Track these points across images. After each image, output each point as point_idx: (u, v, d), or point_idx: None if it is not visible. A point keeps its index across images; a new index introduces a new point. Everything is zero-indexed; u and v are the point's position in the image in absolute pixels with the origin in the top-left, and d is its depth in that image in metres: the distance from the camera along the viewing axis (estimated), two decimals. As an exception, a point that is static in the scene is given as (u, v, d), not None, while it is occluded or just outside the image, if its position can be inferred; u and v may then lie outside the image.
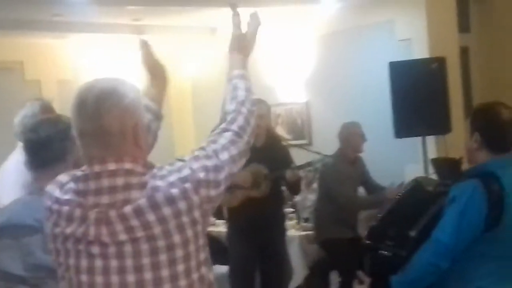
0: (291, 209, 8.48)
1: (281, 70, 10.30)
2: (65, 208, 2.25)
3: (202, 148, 2.40)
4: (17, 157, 4.27)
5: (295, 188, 7.00)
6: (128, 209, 2.18)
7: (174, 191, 2.20)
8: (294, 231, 8.05)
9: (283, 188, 7.00)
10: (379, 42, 9.21)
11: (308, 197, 8.48)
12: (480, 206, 3.51)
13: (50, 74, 10.63)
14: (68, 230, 2.23)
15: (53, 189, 2.33)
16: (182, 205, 2.20)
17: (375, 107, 8.89)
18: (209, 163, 2.33)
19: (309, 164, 6.97)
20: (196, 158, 2.33)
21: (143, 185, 2.21)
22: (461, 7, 9.13)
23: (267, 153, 6.53)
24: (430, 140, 8.47)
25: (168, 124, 8.18)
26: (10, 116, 8.93)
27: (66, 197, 2.27)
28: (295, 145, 8.55)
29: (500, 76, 9.42)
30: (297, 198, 8.38)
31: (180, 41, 11.30)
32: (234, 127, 2.52)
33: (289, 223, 7.86)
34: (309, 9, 9.41)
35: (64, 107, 4.61)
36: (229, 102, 2.58)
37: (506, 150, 3.67)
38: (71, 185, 2.29)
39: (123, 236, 2.17)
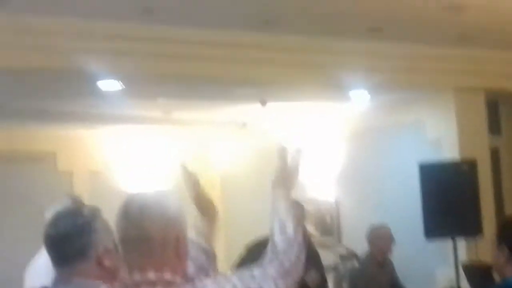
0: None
1: (311, 167, 10.29)
2: None
3: (251, 271, 2.41)
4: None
5: None
6: None
7: None
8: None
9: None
10: (408, 141, 9.19)
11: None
12: None
13: (82, 165, 10.73)
14: None
15: None
16: None
17: (405, 208, 8.79)
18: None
19: (335, 268, 6.88)
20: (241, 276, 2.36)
21: None
22: (490, 109, 9.12)
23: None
24: (461, 242, 8.33)
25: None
26: (42, 206, 9.06)
27: None
28: (323, 245, 8.46)
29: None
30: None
31: (209, 135, 11.39)
32: (286, 261, 2.49)
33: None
34: (339, 106, 9.46)
35: (95, 198, 4.65)
36: (278, 234, 2.56)
37: None
38: None
39: None
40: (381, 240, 7.46)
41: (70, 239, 2.72)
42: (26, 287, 4.63)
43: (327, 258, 7.04)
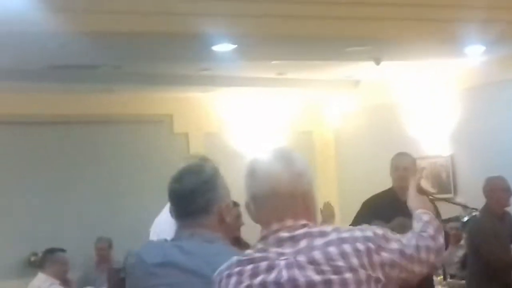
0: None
1: (425, 123, 10.21)
2: (248, 267, 2.31)
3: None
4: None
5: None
6: (317, 254, 2.26)
7: (359, 245, 2.28)
8: (441, 287, 7.87)
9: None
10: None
11: (455, 253, 8.29)
12: None
13: (198, 127, 10.93)
14: (256, 282, 2.28)
15: (228, 262, 2.39)
16: (366, 260, 2.27)
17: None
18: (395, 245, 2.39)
19: (456, 218, 6.79)
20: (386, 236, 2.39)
21: (323, 234, 2.30)
22: None
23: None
24: None
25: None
26: (159, 167, 9.34)
27: (247, 257, 2.35)
28: (440, 199, 8.39)
29: None
30: (444, 253, 8.18)
31: (323, 94, 11.40)
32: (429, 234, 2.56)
33: (435, 279, 7.69)
34: (454, 62, 9.31)
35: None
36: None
37: None
38: (249, 250, 2.38)
39: (317, 277, 2.25)
40: (498, 191, 7.24)
41: (195, 195, 2.84)
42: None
43: (445, 213, 6.94)
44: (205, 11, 6.58)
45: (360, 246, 2.27)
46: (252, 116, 11.25)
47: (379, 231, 2.36)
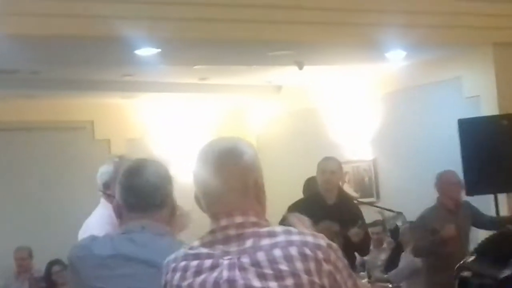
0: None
1: (348, 128, 10.31)
2: (193, 263, 2.29)
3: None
4: (101, 211, 4.36)
5: (363, 248, 6.86)
6: (261, 256, 2.22)
7: (307, 250, 2.22)
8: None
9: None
10: (446, 100, 9.16)
11: (378, 256, 8.38)
12: None
13: (120, 133, 10.83)
14: (198, 280, 2.26)
15: (175, 253, 2.37)
16: (312, 265, 2.22)
17: (445, 165, 8.75)
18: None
19: (382, 222, 6.86)
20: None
21: (271, 234, 2.25)
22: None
23: (339, 210, 6.47)
24: (502, 198, 8.31)
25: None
26: (80, 173, 9.20)
27: (194, 251, 2.31)
28: (365, 203, 8.46)
29: None
30: (367, 257, 8.26)
31: (246, 99, 11.42)
32: None
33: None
34: (375, 67, 9.42)
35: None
36: None
37: None
38: (197, 243, 2.34)
39: (256, 283, 2.21)
40: (448, 186, 7.23)
41: (157, 187, 2.84)
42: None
43: (370, 216, 7.01)
44: (127, 14, 6.51)
45: (308, 251, 2.22)
46: (175, 122, 11.20)
47: (335, 247, 2.30)
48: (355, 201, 7.54)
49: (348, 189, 10.02)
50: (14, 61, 7.66)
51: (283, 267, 2.20)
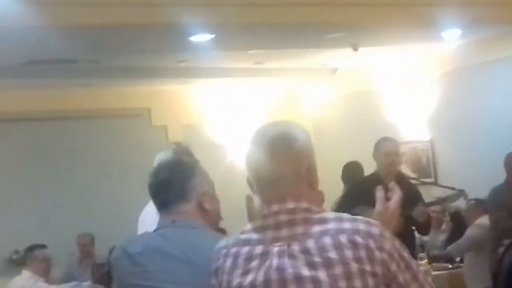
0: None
1: (404, 108, 10.25)
2: (244, 249, 2.31)
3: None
4: None
5: (425, 228, 6.82)
6: (311, 243, 2.22)
7: (358, 238, 2.22)
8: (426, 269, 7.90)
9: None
10: (504, 78, 9.04)
11: (437, 237, 8.33)
12: None
13: (176, 120, 10.92)
14: (249, 268, 2.27)
15: (226, 239, 2.40)
16: (363, 253, 2.20)
17: (502, 146, 8.66)
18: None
19: (443, 200, 6.81)
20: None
21: (322, 221, 2.25)
22: None
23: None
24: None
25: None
26: (138, 160, 9.31)
27: (245, 236, 2.33)
28: (425, 183, 8.40)
29: None
30: (426, 238, 8.23)
31: (301, 82, 11.41)
32: None
33: (419, 263, 7.74)
34: (431, 46, 9.34)
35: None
36: None
37: None
38: (252, 227, 2.35)
39: (305, 272, 2.21)
40: None
41: (171, 184, 2.88)
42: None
43: (429, 197, 6.96)
44: (181, 1, 6.55)
45: (359, 239, 2.20)
46: (230, 107, 11.25)
47: (391, 236, 2.28)
48: (416, 181, 7.50)
49: (406, 169, 9.97)
50: (73, 51, 7.79)
51: (332, 255, 2.19)
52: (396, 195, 2.64)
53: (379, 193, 2.56)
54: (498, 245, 6.87)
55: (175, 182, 2.87)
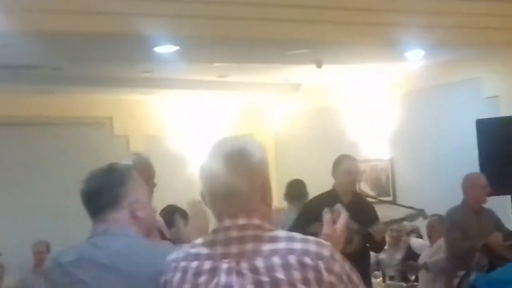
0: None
1: (366, 126, 10.32)
2: (193, 264, 2.29)
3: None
4: None
5: (381, 246, 6.88)
6: (260, 262, 2.21)
7: (307, 259, 2.20)
8: (379, 289, 7.97)
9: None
10: (464, 100, 9.15)
11: (394, 256, 8.38)
12: None
13: (138, 130, 10.87)
14: (198, 281, 2.26)
15: (177, 252, 2.38)
16: (311, 274, 2.19)
17: (462, 166, 8.74)
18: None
19: (402, 219, 6.87)
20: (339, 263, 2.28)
21: (273, 239, 2.24)
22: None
23: (355, 209, 6.45)
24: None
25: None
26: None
27: (194, 251, 2.32)
28: (384, 201, 8.46)
29: None
30: (382, 255, 8.28)
31: (264, 96, 11.44)
32: None
33: (374, 281, 7.77)
34: (394, 66, 9.42)
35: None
36: None
37: None
38: (202, 241, 2.33)
39: None
40: (473, 188, 7.27)
41: (102, 191, 2.85)
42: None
43: (386, 215, 7.01)
44: (147, 12, 6.54)
45: (308, 260, 2.18)
46: (193, 119, 11.24)
47: (340, 258, 2.26)
48: (374, 200, 7.54)
49: (365, 188, 10.05)
50: (36, 57, 7.73)
51: (280, 275, 2.17)
52: (343, 217, 2.62)
53: (326, 216, 2.56)
54: (453, 275, 6.96)
55: (107, 190, 2.84)
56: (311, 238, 2.26)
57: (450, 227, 7.23)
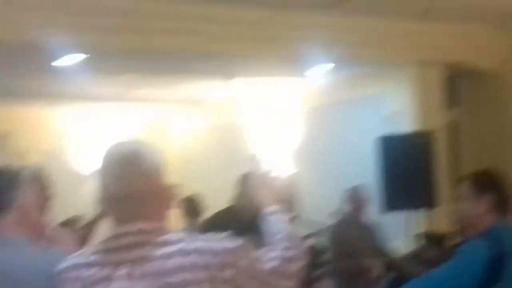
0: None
1: (270, 141, 10.34)
2: (86, 274, 2.23)
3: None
4: None
5: None
6: (154, 266, 2.17)
7: (199, 259, 2.17)
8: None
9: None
10: (366, 116, 9.27)
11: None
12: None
13: (39, 144, 10.63)
14: None
15: (74, 259, 2.31)
16: (202, 274, 2.16)
17: (362, 181, 8.85)
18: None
19: (310, 235, 6.89)
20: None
21: (168, 243, 2.20)
22: (451, 82, 9.14)
23: (259, 226, 6.41)
24: (416, 215, 8.39)
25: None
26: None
27: (85, 260, 2.26)
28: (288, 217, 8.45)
29: (491, 149, 9.40)
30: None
31: (170, 110, 11.40)
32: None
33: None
34: (298, 82, 9.48)
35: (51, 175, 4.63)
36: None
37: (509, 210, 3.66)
38: (95, 249, 2.28)
39: None
40: (361, 200, 7.39)
41: None
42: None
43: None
44: (49, 23, 6.38)
45: (200, 260, 2.16)
46: (97, 133, 11.07)
47: (235, 247, 2.24)
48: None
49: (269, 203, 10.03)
50: None
51: (173, 279, 2.15)
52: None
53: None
54: None
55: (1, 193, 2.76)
56: (209, 237, 2.25)
57: (334, 244, 7.33)
